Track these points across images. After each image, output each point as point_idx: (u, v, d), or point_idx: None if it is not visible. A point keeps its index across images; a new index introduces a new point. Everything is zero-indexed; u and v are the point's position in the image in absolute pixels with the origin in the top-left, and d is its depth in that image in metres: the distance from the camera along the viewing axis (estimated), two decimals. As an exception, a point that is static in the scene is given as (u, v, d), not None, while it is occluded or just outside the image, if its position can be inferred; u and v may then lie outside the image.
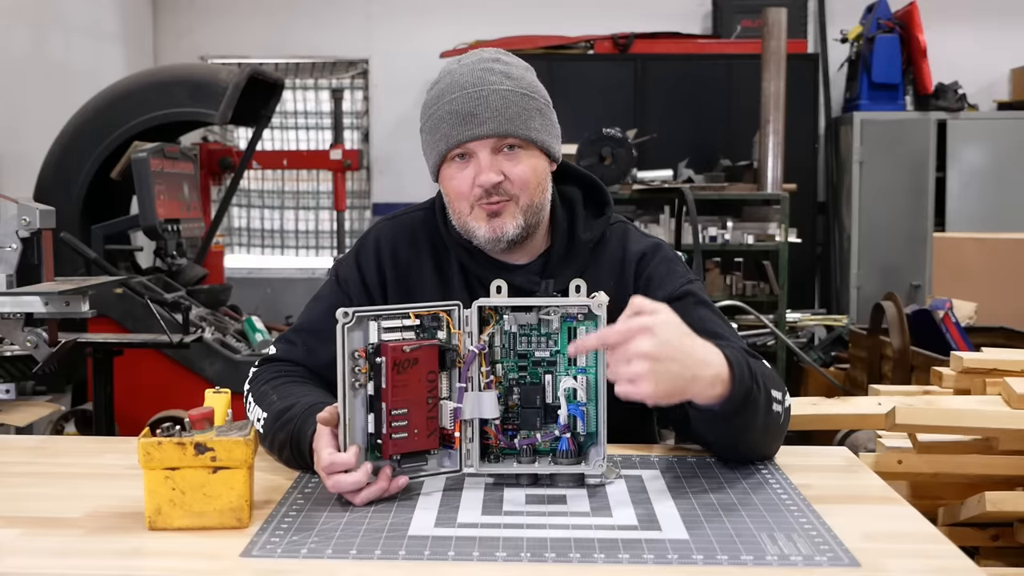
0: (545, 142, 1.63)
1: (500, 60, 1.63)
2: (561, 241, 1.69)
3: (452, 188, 1.62)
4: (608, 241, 1.72)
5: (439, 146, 1.61)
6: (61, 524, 1.26)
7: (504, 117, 1.57)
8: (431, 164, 1.66)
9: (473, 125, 1.57)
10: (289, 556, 1.15)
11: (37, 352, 2.51)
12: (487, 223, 1.60)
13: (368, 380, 1.35)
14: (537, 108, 1.62)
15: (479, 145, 1.58)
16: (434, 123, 1.61)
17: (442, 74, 1.65)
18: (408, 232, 1.73)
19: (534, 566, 1.13)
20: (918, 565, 1.14)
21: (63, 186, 4.36)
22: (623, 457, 1.55)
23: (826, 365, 4.86)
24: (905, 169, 6.44)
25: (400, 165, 7.19)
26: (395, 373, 1.35)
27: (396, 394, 1.35)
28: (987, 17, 6.87)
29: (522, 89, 1.60)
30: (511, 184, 1.59)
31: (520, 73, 1.63)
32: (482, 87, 1.58)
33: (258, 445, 1.28)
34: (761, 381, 1.41)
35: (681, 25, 6.87)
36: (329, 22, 7.11)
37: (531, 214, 1.62)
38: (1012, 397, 2.04)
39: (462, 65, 1.63)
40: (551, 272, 1.67)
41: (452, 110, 1.58)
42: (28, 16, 5.52)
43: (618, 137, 5.18)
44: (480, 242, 1.63)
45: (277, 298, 6.48)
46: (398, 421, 1.35)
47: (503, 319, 1.43)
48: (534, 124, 1.60)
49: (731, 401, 1.35)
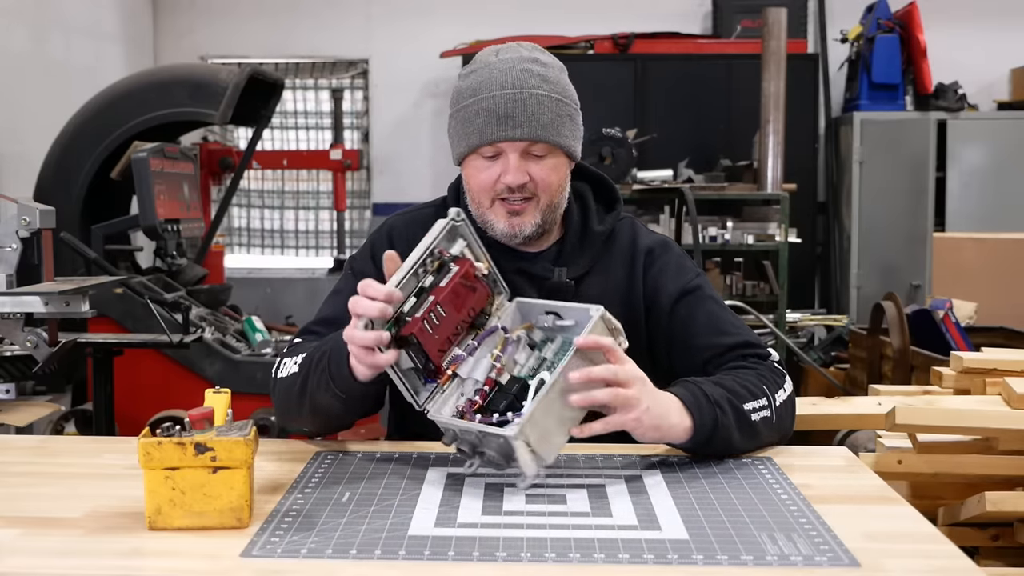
0: (571, 147, 1.69)
1: (538, 60, 1.67)
2: (574, 232, 1.75)
3: (476, 181, 1.67)
4: (618, 234, 1.79)
5: (471, 139, 1.65)
6: (61, 524, 1.26)
7: (539, 123, 1.62)
8: (458, 152, 1.70)
9: (508, 127, 1.61)
10: (289, 556, 1.15)
11: (37, 352, 2.51)
12: (507, 220, 1.67)
13: (429, 275, 1.49)
14: (568, 114, 1.67)
15: (511, 146, 1.63)
16: (469, 115, 1.65)
17: (479, 64, 1.68)
18: (420, 225, 1.76)
19: (534, 566, 1.13)
20: (918, 565, 1.14)
21: (63, 186, 4.35)
22: (623, 457, 1.56)
23: (826, 365, 4.86)
24: (905, 169, 6.44)
25: (400, 165, 7.19)
26: (459, 283, 1.49)
27: (447, 299, 1.48)
28: (987, 17, 6.87)
29: (557, 94, 1.65)
30: (534, 185, 1.65)
31: (556, 76, 1.67)
32: (520, 89, 1.62)
33: (258, 445, 1.28)
34: (727, 404, 1.51)
35: (681, 25, 6.87)
36: (329, 22, 7.11)
37: (549, 213, 1.69)
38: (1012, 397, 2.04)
39: (501, 60, 1.66)
40: (564, 261, 1.73)
41: (489, 108, 1.62)
42: (28, 16, 5.52)
43: (618, 137, 5.18)
44: (496, 235, 1.69)
45: (277, 298, 6.47)
46: (432, 318, 1.46)
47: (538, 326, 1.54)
48: (564, 130, 1.66)
49: (697, 435, 1.49)
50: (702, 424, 1.48)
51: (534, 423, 1.36)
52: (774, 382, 1.62)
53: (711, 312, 1.72)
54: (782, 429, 1.61)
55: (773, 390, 1.60)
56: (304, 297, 6.38)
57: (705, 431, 1.48)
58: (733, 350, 1.68)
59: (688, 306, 1.72)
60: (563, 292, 1.70)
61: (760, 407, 1.55)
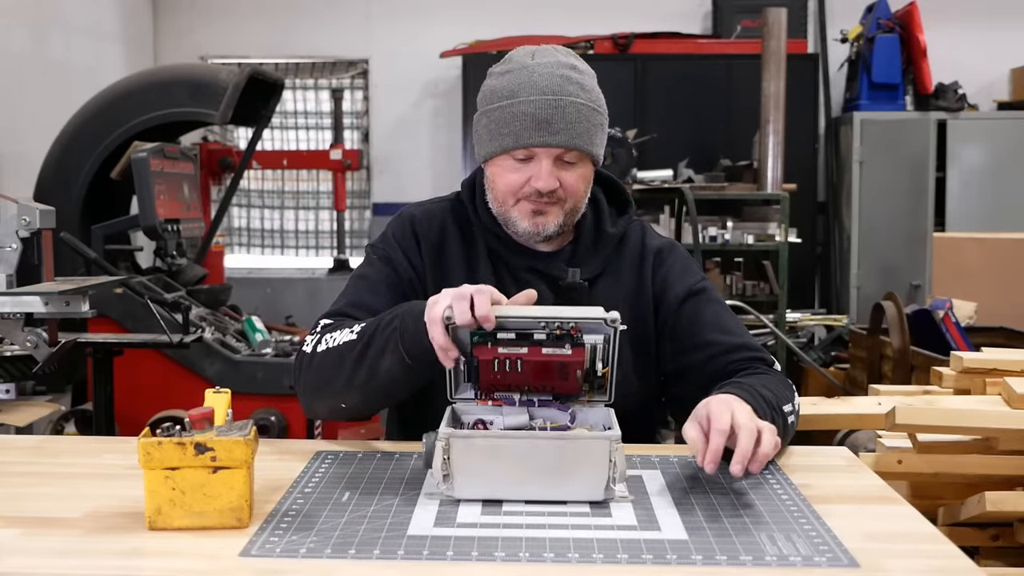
0: (599, 156, 1.71)
1: (576, 68, 1.68)
2: (588, 233, 1.77)
3: (504, 181, 1.68)
4: (629, 237, 1.81)
5: (504, 140, 1.65)
6: (61, 524, 1.26)
7: (576, 131, 1.64)
8: (487, 150, 1.69)
9: (547, 134, 1.62)
10: (288, 556, 1.15)
11: (37, 352, 2.51)
12: (531, 219, 1.68)
13: (544, 332, 1.40)
14: (601, 124, 1.70)
15: (545, 152, 1.64)
16: (505, 117, 1.65)
17: (515, 65, 1.68)
18: (438, 216, 1.79)
19: (533, 566, 1.13)
20: (918, 565, 1.14)
21: (63, 186, 4.36)
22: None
23: (826, 365, 4.86)
24: (905, 169, 6.44)
25: (400, 165, 7.19)
26: (556, 364, 1.40)
27: (533, 366, 1.40)
28: (987, 17, 6.87)
29: (592, 104, 1.67)
30: (563, 191, 1.67)
31: (591, 84, 1.69)
32: (560, 96, 1.63)
33: (258, 445, 1.28)
34: (777, 406, 1.53)
35: (681, 25, 6.87)
36: (329, 22, 7.11)
37: (571, 215, 1.71)
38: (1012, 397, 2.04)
39: (539, 64, 1.66)
40: (578, 261, 1.75)
41: (528, 112, 1.63)
42: (28, 16, 5.52)
43: (618, 137, 5.18)
44: (517, 232, 1.71)
45: (277, 298, 6.47)
46: (507, 364, 1.40)
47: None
48: (596, 140, 1.68)
49: None
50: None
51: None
52: (791, 388, 1.66)
53: (717, 313, 1.75)
54: (791, 435, 1.63)
55: (793, 395, 1.64)
56: (304, 297, 6.39)
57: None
58: (738, 350, 1.69)
59: (695, 305, 1.74)
60: (577, 292, 1.71)
61: (791, 411, 1.59)
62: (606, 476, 1.32)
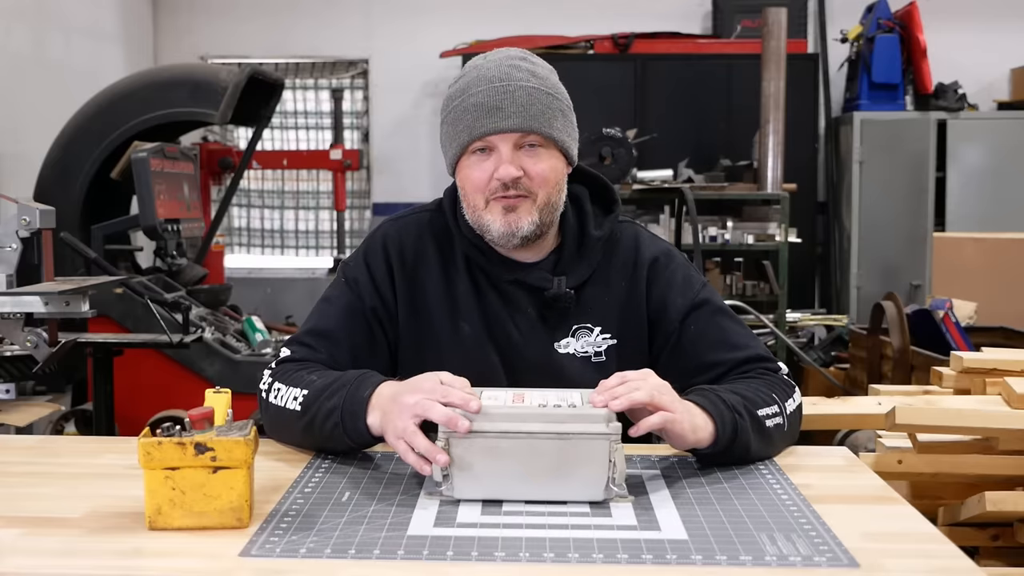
0: (565, 143, 1.65)
1: (527, 59, 1.65)
2: (572, 238, 1.70)
3: (470, 181, 1.63)
4: (619, 241, 1.73)
5: (461, 137, 1.62)
6: (61, 524, 1.26)
7: (529, 113, 1.59)
8: (450, 156, 1.67)
9: (497, 118, 1.58)
10: (288, 556, 1.15)
11: (37, 352, 2.51)
12: (503, 217, 1.61)
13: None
14: (560, 109, 1.64)
15: (501, 139, 1.60)
16: (457, 114, 1.62)
17: (467, 69, 1.67)
18: (414, 231, 1.74)
19: (532, 566, 1.13)
20: (918, 565, 1.14)
21: (63, 186, 4.36)
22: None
23: (826, 365, 4.86)
24: (905, 169, 6.44)
25: (400, 165, 7.19)
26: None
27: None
28: (987, 17, 6.87)
29: (547, 88, 1.63)
30: (529, 181, 1.61)
31: (545, 73, 1.66)
32: (508, 82, 1.60)
33: (258, 445, 1.28)
34: (744, 410, 1.49)
35: (681, 25, 6.87)
36: (329, 22, 7.11)
37: (547, 212, 1.64)
38: (1012, 397, 2.04)
39: (488, 60, 1.65)
40: (563, 269, 1.69)
41: (477, 103, 1.60)
42: (28, 16, 5.52)
43: (618, 137, 5.18)
44: (493, 237, 1.64)
45: (277, 298, 6.47)
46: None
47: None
48: (556, 124, 1.63)
49: (719, 441, 1.46)
50: (723, 429, 1.45)
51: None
52: (784, 391, 1.60)
53: (721, 326, 1.68)
54: (791, 438, 1.60)
55: (783, 398, 1.58)
56: (304, 297, 6.39)
57: (726, 436, 1.46)
58: (745, 364, 1.65)
59: (698, 321, 1.68)
60: (562, 302, 1.66)
61: (773, 414, 1.54)
62: (606, 476, 1.32)
